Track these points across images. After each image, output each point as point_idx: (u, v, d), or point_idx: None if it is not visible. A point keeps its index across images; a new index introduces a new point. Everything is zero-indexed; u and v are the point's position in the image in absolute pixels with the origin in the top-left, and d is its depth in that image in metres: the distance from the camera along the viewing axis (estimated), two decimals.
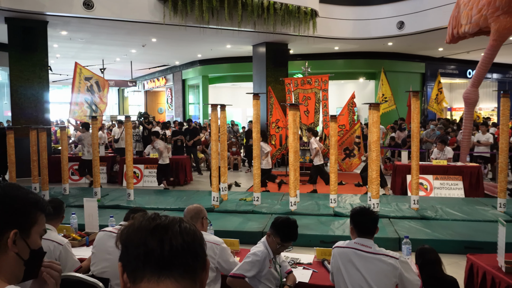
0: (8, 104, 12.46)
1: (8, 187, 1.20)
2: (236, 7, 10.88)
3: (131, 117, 8.24)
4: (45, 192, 7.87)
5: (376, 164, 6.47)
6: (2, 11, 9.80)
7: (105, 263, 2.99)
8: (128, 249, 0.92)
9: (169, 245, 0.90)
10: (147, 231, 0.92)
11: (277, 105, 10.96)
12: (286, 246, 2.98)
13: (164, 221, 0.94)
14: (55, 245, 2.96)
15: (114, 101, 30.44)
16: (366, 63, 17.33)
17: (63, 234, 3.75)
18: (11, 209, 1.16)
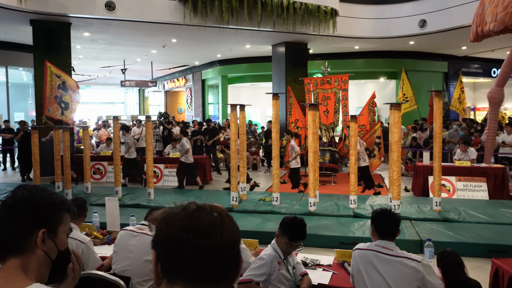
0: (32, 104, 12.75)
1: (34, 188, 1.24)
2: (256, 7, 10.89)
3: (151, 117, 8.33)
4: (68, 191, 8.02)
5: (397, 165, 6.38)
6: (27, 13, 10.04)
7: (126, 261, 3.02)
8: (164, 245, 0.90)
9: (208, 252, 0.87)
10: (186, 231, 0.88)
11: (296, 105, 10.92)
12: (296, 246, 2.92)
13: (203, 222, 0.90)
14: (78, 243, 3.01)
15: (135, 101, 30.87)
16: (387, 62, 17.11)
17: (86, 233, 3.82)
18: (38, 209, 1.19)
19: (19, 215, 1.17)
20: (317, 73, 15.71)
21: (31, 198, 1.20)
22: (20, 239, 1.16)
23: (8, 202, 1.19)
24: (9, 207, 1.18)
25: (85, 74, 23.28)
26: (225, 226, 0.91)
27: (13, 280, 1.12)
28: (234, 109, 7.29)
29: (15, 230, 1.16)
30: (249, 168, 12.66)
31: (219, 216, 0.92)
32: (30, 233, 1.17)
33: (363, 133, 11.02)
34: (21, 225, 1.16)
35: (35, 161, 8.38)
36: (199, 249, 0.87)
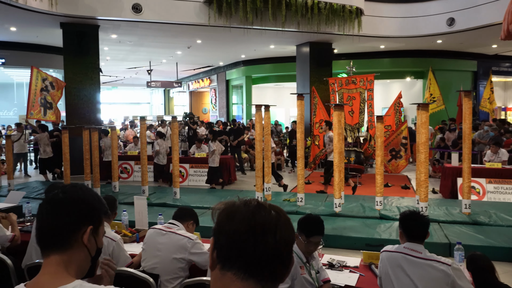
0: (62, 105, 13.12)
1: (85, 186, 1.29)
2: (280, 7, 10.89)
3: (177, 117, 8.45)
4: (96, 189, 8.21)
5: (424, 166, 6.27)
6: (58, 16, 10.33)
7: (155, 259, 3.08)
8: (222, 235, 0.95)
9: (263, 249, 0.92)
10: (245, 227, 0.93)
11: (321, 105, 10.85)
12: (314, 242, 2.80)
13: (264, 219, 0.94)
14: (109, 240, 3.08)
15: (160, 101, 31.30)
16: (414, 61, 16.81)
17: (115, 230, 3.91)
18: (89, 208, 1.24)
19: (71, 211, 1.21)
20: (342, 73, 15.58)
21: (83, 196, 1.24)
22: (67, 235, 1.19)
23: (59, 198, 1.22)
24: (60, 203, 1.21)
25: (112, 75, 23.76)
26: (281, 225, 0.95)
27: (56, 276, 1.15)
28: (259, 110, 7.31)
29: (64, 226, 1.19)
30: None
31: (276, 215, 0.97)
32: (78, 230, 1.21)
33: (389, 134, 10.86)
34: (71, 221, 1.20)
35: (65, 160, 8.61)
36: (256, 245, 0.91)
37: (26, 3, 9.10)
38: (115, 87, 30.11)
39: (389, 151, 10.71)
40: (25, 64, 14.88)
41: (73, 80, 11.31)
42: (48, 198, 1.24)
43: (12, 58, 14.31)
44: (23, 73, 17.31)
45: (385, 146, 10.46)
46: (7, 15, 10.16)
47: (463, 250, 3.27)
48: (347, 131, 10.52)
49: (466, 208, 6.44)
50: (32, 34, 12.71)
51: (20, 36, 13.04)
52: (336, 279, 3.12)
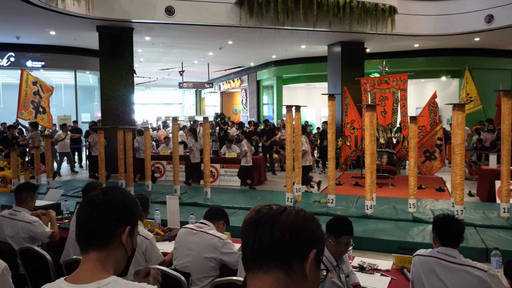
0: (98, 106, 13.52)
1: (123, 189, 1.36)
2: (311, 7, 10.82)
3: (208, 118, 8.56)
4: (130, 188, 8.41)
5: (460, 168, 6.09)
6: (95, 20, 10.65)
7: (187, 258, 3.14)
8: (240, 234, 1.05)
9: (259, 242, 0.98)
10: (246, 225, 1.03)
11: (352, 106, 10.72)
12: (344, 243, 2.73)
13: (261, 215, 1.01)
14: (142, 239, 3.16)
15: (192, 102, 31.73)
16: (449, 60, 16.32)
17: (148, 229, 4.00)
18: (128, 208, 1.30)
19: (111, 212, 1.26)
20: (374, 72, 15.32)
21: (123, 198, 1.30)
22: (107, 234, 1.25)
23: (100, 199, 1.28)
24: (102, 204, 1.27)
25: (145, 76, 24.28)
26: (279, 219, 1.00)
27: (94, 272, 1.21)
28: (290, 110, 7.30)
29: (104, 225, 1.25)
30: None
31: (277, 211, 1.03)
32: (117, 230, 1.27)
33: (423, 134, 10.61)
34: (111, 221, 1.26)
35: (100, 159, 8.87)
36: (253, 238, 1.00)
37: (65, 8, 9.42)
38: (148, 88, 30.75)
39: (423, 152, 10.46)
40: (64, 67, 15.47)
41: (109, 82, 11.64)
42: (89, 199, 1.29)
43: (51, 60, 14.87)
44: (62, 75, 17.95)
45: (419, 147, 10.22)
46: (48, 19, 10.57)
47: (501, 256, 3.16)
48: (379, 131, 10.36)
49: (505, 212, 6.21)
50: (70, 37, 13.16)
51: (59, 39, 13.53)
52: (366, 283, 3.08)
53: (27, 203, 3.89)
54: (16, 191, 3.97)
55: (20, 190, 3.94)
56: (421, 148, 10.21)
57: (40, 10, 9.48)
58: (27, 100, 9.74)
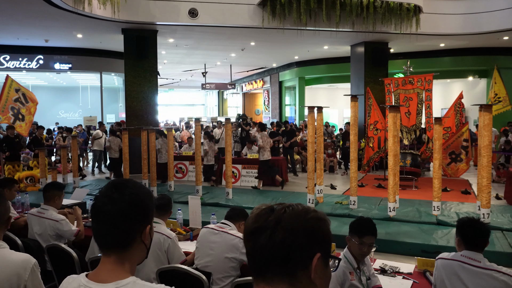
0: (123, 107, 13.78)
1: (138, 184, 1.32)
2: (334, 7, 10.75)
3: (230, 119, 8.61)
4: (153, 188, 8.55)
5: (487, 170, 5.94)
6: (120, 23, 10.87)
7: (208, 258, 3.18)
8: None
9: (258, 250, 0.95)
10: (247, 232, 1.00)
11: (375, 107, 10.59)
12: (368, 243, 2.71)
13: (260, 223, 0.97)
14: (165, 238, 3.21)
15: (214, 103, 31.96)
16: (477, 59, 15.92)
17: (170, 228, 4.06)
18: (147, 208, 1.29)
19: (132, 216, 1.25)
20: (398, 73, 15.11)
21: (142, 198, 1.28)
22: (129, 238, 1.25)
23: (118, 204, 1.24)
24: (121, 209, 1.23)
25: (169, 78, 24.59)
26: (278, 227, 0.96)
27: (113, 272, 1.23)
28: (312, 111, 7.27)
29: (125, 230, 1.24)
30: (326, 170, 12.54)
31: (275, 218, 0.98)
32: (138, 231, 1.26)
33: (448, 136, 10.40)
34: (133, 225, 1.25)
35: (125, 160, 9.04)
36: (252, 248, 0.98)
37: (92, 12, 9.65)
38: (172, 89, 31.13)
39: (448, 154, 10.25)
40: (90, 69, 15.83)
41: (133, 83, 11.86)
42: (107, 201, 1.25)
43: (78, 62, 15.25)
44: (88, 77, 18.38)
45: (445, 148, 10.02)
46: (75, 23, 10.85)
47: None
48: (403, 132, 10.19)
49: None
50: (96, 40, 13.47)
51: (85, 42, 13.87)
52: (388, 286, 3.04)
53: (54, 202, 4.01)
54: (45, 190, 4.09)
55: (48, 189, 4.06)
56: (447, 149, 10.00)
57: (68, 13, 9.74)
58: (7, 105, 10.00)
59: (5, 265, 1.82)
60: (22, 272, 1.82)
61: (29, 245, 3.70)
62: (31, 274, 1.84)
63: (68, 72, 16.01)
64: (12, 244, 3.34)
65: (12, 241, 3.37)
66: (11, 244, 3.32)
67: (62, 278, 2.81)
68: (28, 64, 14.72)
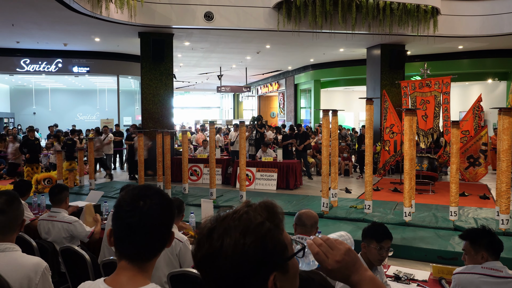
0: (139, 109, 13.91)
1: (159, 191, 1.29)
2: (350, 10, 10.67)
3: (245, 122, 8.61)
4: (168, 191, 8.60)
5: (506, 175, 5.81)
6: (137, 26, 11.00)
7: None
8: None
9: (208, 273, 0.90)
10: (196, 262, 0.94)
11: (392, 110, 10.48)
12: (386, 247, 2.65)
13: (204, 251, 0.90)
14: (176, 241, 3.21)
15: (230, 105, 32.06)
16: (497, 62, 15.62)
17: (183, 232, 4.06)
18: (173, 215, 1.28)
19: (160, 230, 1.22)
20: (415, 75, 14.92)
21: (170, 208, 1.27)
22: (159, 249, 1.24)
23: (149, 221, 1.20)
24: (152, 225, 1.21)
25: (184, 80, 24.77)
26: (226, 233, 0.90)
27: (135, 279, 1.20)
28: (326, 114, 7.22)
29: (156, 243, 1.22)
30: (341, 174, 12.44)
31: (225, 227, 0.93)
32: (166, 242, 1.26)
33: (466, 139, 10.22)
34: (163, 241, 1.24)
35: (140, 162, 9.12)
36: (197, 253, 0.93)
37: (109, 16, 9.79)
38: (187, 92, 31.33)
39: (466, 158, 10.08)
40: (107, 72, 16.05)
41: (149, 86, 11.97)
42: (132, 213, 1.20)
43: (95, 66, 15.49)
44: (105, 80, 18.64)
45: (462, 152, 9.85)
46: (93, 27, 11.02)
47: None
48: (420, 136, 10.05)
49: None
50: (114, 43, 13.65)
51: (103, 45, 14.07)
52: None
53: (65, 203, 4.05)
54: (53, 193, 4.03)
55: (57, 191, 4.02)
56: (465, 153, 9.84)
57: (86, 18, 9.89)
58: None
59: (16, 268, 1.85)
60: (33, 275, 1.84)
61: (43, 247, 3.75)
62: (42, 277, 1.86)
63: (86, 75, 16.26)
64: (27, 246, 3.39)
65: (27, 243, 3.42)
66: (26, 246, 3.37)
67: (75, 279, 2.81)
68: (47, 67, 15.00)
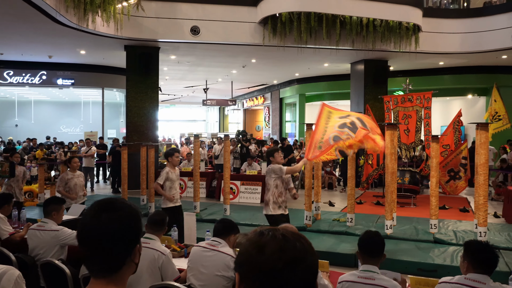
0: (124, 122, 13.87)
1: (125, 205, 1.28)
2: (335, 26, 10.88)
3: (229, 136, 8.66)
4: (151, 204, 8.55)
5: (483, 189, 5.95)
6: (123, 40, 11.03)
7: (201, 276, 3.18)
8: (252, 268, 0.96)
9: (293, 280, 0.93)
10: (277, 259, 0.94)
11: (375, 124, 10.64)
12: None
13: (293, 251, 0.96)
14: (159, 254, 3.22)
15: (215, 119, 32.12)
16: (476, 78, 16.02)
17: (165, 245, 4.06)
18: (136, 228, 1.27)
19: (124, 239, 1.22)
20: (398, 90, 15.19)
21: (136, 216, 1.27)
22: (121, 263, 1.23)
23: (108, 229, 1.21)
24: (112, 235, 1.21)
25: (170, 93, 24.78)
26: (309, 256, 0.97)
27: None
28: (310, 128, 7.32)
29: (117, 257, 1.22)
30: (325, 187, 12.52)
31: (302, 246, 0.98)
32: (130, 254, 1.25)
33: (447, 153, 10.42)
34: (124, 250, 1.23)
35: (123, 175, 9.06)
36: (288, 276, 0.93)
37: (95, 29, 9.81)
38: (173, 105, 31.30)
39: (447, 172, 10.27)
40: (92, 84, 16.00)
41: (135, 99, 11.96)
42: (95, 225, 1.21)
43: (80, 78, 15.42)
44: (90, 93, 18.53)
45: (443, 166, 10.04)
46: (79, 39, 11.01)
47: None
48: (402, 150, 10.22)
49: None
50: (99, 56, 13.64)
51: (88, 58, 14.04)
52: None
53: (52, 216, 4.04)
54: (44, 204, 4.19)
55: (47, 204, 4.15)
56: (446, 167, 10.03)
57: (72, 31, 9.89)
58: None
59: None
60: (6, 284, 1.85)
61: (23, 261, 3.71)
62: (14, 286, 1.87)
63: (71, 87, 16.17)
64: (6, 260, 3.35)
65: (5, 257, 3.39)
66: (5, 260, 3.34)
67: None
68: (31, 79, 14.89)
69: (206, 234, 4.29)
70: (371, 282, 2.69)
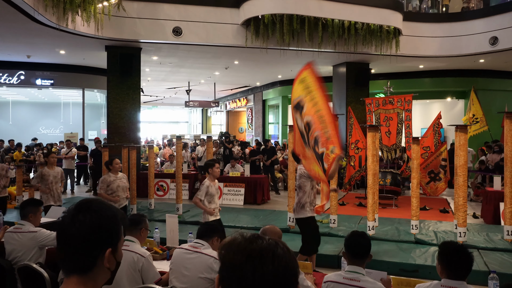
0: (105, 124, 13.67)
1: (101, 207, 1.27)
2: (317, 28, 10.96)
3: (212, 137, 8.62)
4: (133, 206, 8.44)
5: (463, 190, 6.06)
6: (104, 40, 10.87)
7: (183, 278, 3.14)
8: (225, 267, 0.97)
9: (261, 276, 0.92)
10: (242, 255, 0.95)
11: (357, 126, 10.75)
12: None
13: (260, 247, 0.96)
14: (138, 257, 3.17)
15: (198, 120, 31.95)
16: (455, 81, 16.35)
17: (146, 247, 4.01)
18: (108, 230, 1.25)
19: (90, 240, 1.22)
20: (379, 93, 15.39)
21: (101, 219, 1.25)
22: (88, 262, 1.22)
23: (73, 229, 1.22)
24: (76, 233, 1.21)
25: (152, 95, 24.56)
26: (279, 252, 0.96)
27: None
28: (292, 130, 7.33)
29: (84, 255, 1.21)
30: None
31: (274, 242, 0.99)
32: (97, 256, 1.23)
33: (427, 155, 10.58)
34: (91, 250, 1.22)
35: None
36: (254, 272, 0.93)
37: (75, 28, 9.64)
38: (155, 107, 31.03)
39: (427, 173, 10.41)
40: (72, 85, 15.72)
41: (116, 100, 11.79)
42: (70, 224, 1.23)
43: (60, 79, 15.13)
44: (70, 93, 18.22)
45: (424, 168, 10.18)
46: (58, 39, 10.81)
47: (498, 279, 3.13)
48: (383, 151, 10.34)
49: (508, 234, 6.15)
50: (79, 56, 13.42)
51: (68, 58, 13.80)
52: None
53: (29, 218, 3.95)
54: (20, 207, 4.08)
55: (23, 206, 4.06)
56: (426, 169, 10.17)
57: (51, 30, 9.70)
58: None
59: None
60: None
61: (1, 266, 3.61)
62: None
63: (50, 88, 15.87)
64: None
65: None
66: None
67: None
68: (9, 79, 14.55)
69: (189, 236, 4.25)
70: (356, 284, 2.69)
